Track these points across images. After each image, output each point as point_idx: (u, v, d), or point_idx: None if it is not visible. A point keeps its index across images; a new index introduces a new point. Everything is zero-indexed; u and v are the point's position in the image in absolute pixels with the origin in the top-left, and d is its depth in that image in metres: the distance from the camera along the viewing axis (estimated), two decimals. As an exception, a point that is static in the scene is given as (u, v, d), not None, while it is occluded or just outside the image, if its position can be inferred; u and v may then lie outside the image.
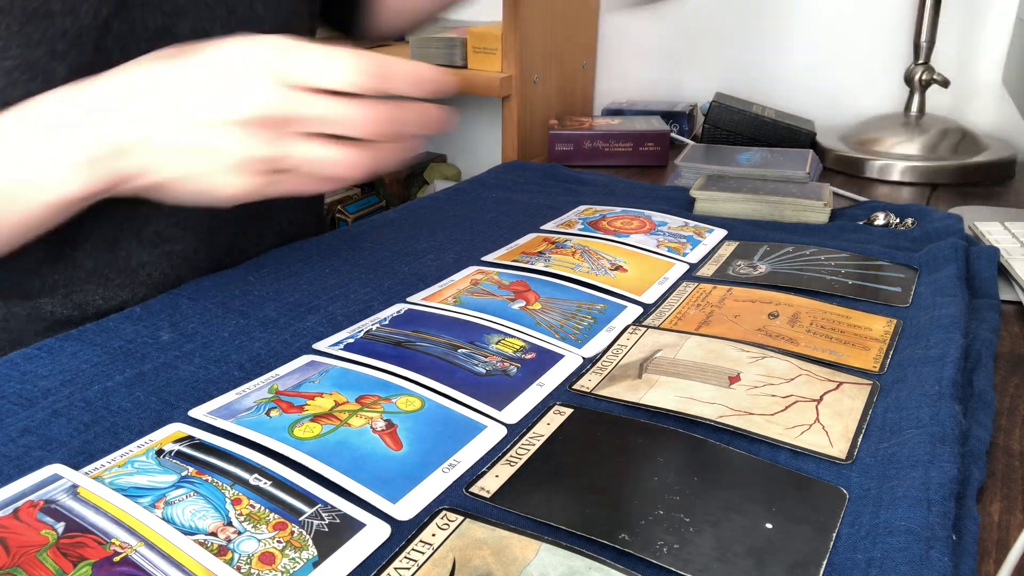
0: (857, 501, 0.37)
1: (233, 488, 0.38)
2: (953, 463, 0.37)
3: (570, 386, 0.48)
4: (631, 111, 1.16)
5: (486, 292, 0.60)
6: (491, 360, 0.50)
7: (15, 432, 0.42)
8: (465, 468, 0.40)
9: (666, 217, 0.77)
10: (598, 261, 0.66)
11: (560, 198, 0.85)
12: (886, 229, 0.74)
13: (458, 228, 0.75)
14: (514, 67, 1.12)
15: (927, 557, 0.32)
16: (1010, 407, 0.46)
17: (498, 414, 0.45)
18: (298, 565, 0.33)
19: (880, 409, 0.44)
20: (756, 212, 0.77)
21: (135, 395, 0.46)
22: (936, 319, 0.53)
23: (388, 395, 0.46)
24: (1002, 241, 0.67)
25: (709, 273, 0.64)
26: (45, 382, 0.47)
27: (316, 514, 0.36)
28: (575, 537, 0.35)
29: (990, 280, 0.61)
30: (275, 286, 0.61)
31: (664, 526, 0.35)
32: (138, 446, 0.41)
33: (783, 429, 0.42)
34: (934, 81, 0.99)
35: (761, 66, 1.21)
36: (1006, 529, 0.37)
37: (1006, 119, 1.06)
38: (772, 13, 1.17)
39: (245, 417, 0.43)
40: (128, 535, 0.34)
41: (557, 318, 0.56)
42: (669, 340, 0.52)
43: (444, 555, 0.34)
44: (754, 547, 0.34)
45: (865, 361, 0.50)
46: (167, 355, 0.51)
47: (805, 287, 0.60)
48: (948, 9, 1.03)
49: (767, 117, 1.02)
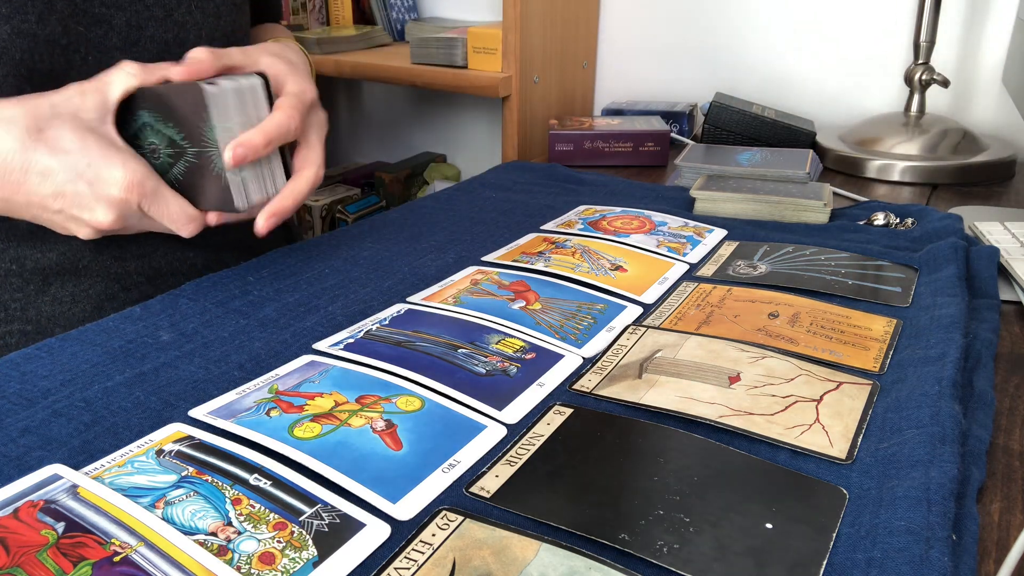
0: (857, 501, 0.37)
1: (233, 488, 0.38)
2: (953, 463, 0.37)
3: (570, 386, 0.48)
4: (631, 111, 1.16)
5: (486, 292, 0.60)
6: (491, 360, 0.50)
7: (15, 432, 0.42)
8: (465, 468, 0.40)
9: (666, 217, 0.77)
10: (598, 261, 0.66)
11: (560, 198, 0.85)
12: (886, 229, 0.74)
13: (458, 228, 0.75)
14: (514, 67, 1.12)
15: (927, 557, 0.32)
16: (1010, 407, 0.46)
17: (498, 414, 0.45)
18: (298, 565, 0.33)
19: (880, 409, 0.44)
20: (756, 212, 0.77)
21: (135, 395, 0.46)
22: (936, 319, 0.53)
23: (388, 395, 0.46)
24: (1002, 241, 0.67)
25: (709, 273, 0.64)
26: (45, 382, 0.47)
27: (316, 514, 0.36)
28: (575, 537, 0.35)
29: (990, 280, 0.61)
30: (275, 286, 0.61)
31: (664, 526, 0.35)
32: (138, 446, 0.41)
33: (783, 429, 0.42)
34: (934, 81, 0.99)
35: (761, 66, 1.21)
36: (1006, 529, 0.37)
37: (1006, 119, 1.06)
38: (772, 13, 1.17)
39: (245, 417, 0.43)
40: (128, 535, 0.34)
41: (557, 318, 0.56)
42: (669, 340, 0.52)
43: (444, 555, 0.34)
44: (754, 547, 0.34)
45: (865, 361, 0.50)
46: (167, 355, 0.51)
47: (805, 287, 0.60)
48: (948, 9, 1.03)
49: (767, 117, 1.02)
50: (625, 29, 1.31)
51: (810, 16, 1.15)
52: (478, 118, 1.53)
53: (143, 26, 0.62)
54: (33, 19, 0.55)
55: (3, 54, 0.54)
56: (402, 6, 1.48)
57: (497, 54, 1.13)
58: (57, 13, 0.57)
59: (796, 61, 1.18)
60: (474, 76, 1.14)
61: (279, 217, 0.59)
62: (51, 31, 0.56)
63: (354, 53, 1.35)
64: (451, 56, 1.18)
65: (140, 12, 0.62)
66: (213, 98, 0.55)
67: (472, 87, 1.15)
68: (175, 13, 0.63)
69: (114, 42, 0.61)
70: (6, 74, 0.55)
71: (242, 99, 0.57)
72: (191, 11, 0.64)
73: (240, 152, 0.55)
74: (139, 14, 0.62)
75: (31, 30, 0.55)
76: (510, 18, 1.10)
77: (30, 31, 0.55)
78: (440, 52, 1.19)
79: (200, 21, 0.65)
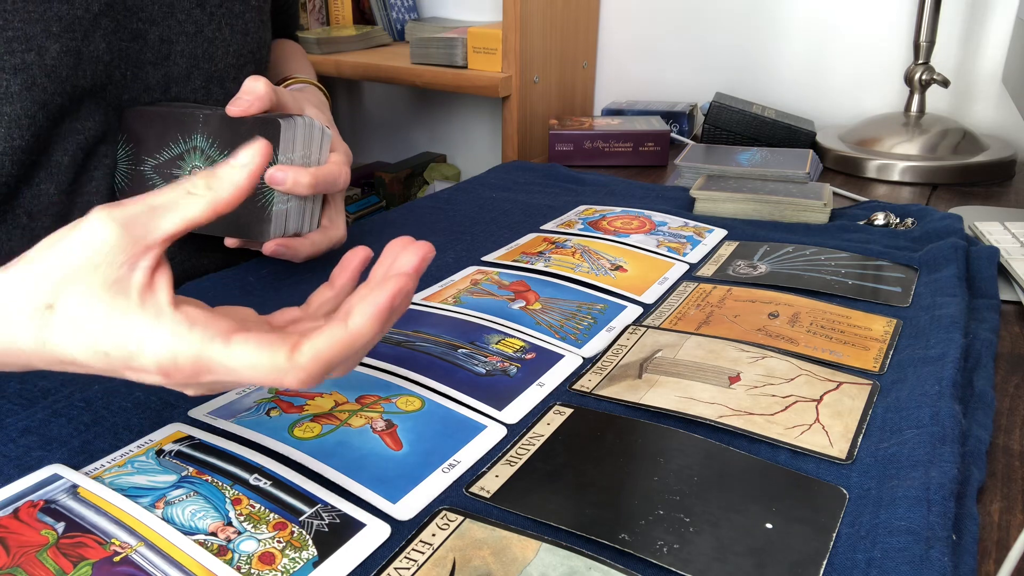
0: (857, 501, 0.37)
1: (233, 488, 0.38)
2: (953, 463, 0.37)
3: (570, 386, 0.48)
4: (631, 111, 1.16)
5: (486, 292, 0.60)
6: (491, 360, 0.50)
7: (15, 432, 0.42)
8: (465, 468, 0.40)
9: (666, 217, 0.77)
10: (598, 261, 0.66)
11: (560, 198, 0.85)
12: (886, 229, 0.74)
13: (458, 228, 0.75)
14: (514, 67, 1.12)
15: (927, 557, 0.32)
16: (1010, 407, 0.46)
17: (498, 414, 0.45)
18: (298, 565, 0.33)
19: (880, 409, 0.44)
20: (756, 212, 0.77)
21: (135, 395, 0.46)
22: (936, 319, 0.53)
23: (388, 395, 0.46)
24: (1002, 241, 0.67)
25: (709, 273, 0.64)
26: (45, 382, 0.47)
27: (316, 514, 0.36)
28: (575, 537, 0.35)
29: (990, 280, 0.61)
30: (275, 286, 0.61)
31: (664, 526, 0.35)
32: (138, 446, 0.41)
33: (783, 429, 0.42)
34: (934, 81, 0.99)
35: (761, 66, 1.21)
36: (1006, 529, 0.37)
37: (1006, 119, 1.06)
38: (772, 13, 1.17)
39: (245, 417, 0.43)
40: (128, 535, 0.34)
41: (557, 318, 0.56)
42: (669, 340, 0.52)
43: (444, 555, 0.34)
44: (754, 547, 0.34)
45: (865, 361, 0.50)
46: (167, 355, 0.51)
47: (805, 287, 0.60)
48: (948, 9, 1.03)
49: (767, 117, 1.02)
50: (625, 29, 1.31)
51: (810, 16, 1.15)
52: (478, 118, 1.53)
53: (174, 40, 0.62)
54: (80, 36, 0.55)
55: (52, 73, 0.54)
56: (402, 6, 1.48)
57: (497, 54, 1.13)
58: (102, 29, 0.57)
59: (796, 61, 1.18)
60: (474, 76, 1.14)
61: (290, 253, 0.59)
62: (95, 48, 0.56)
63: (354, 53, 1.35)
64: (451, 56, 1.18)
65: (172, 27, 0.62)
66: (285, 132, 0.55)
67: (472, 87, 1.15)
68: (205, 29, 0.64)
69: (148, 57, 0.61)
70: (53, 92, 0.54)
71: (310, 137, 0.57)
72: (220, 28, 0.65)
73: (282, 177, 0.54)
74: (171, 29, 0.62)
75: (77, 47, 0.55)
76: (510, 18, 1.10)
77: (76, 48, 0.55)
78: (440, 52, 1.19)
79: (228, 38, 0.66)
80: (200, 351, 0.32)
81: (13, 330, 0.33)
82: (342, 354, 0.32)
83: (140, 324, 0.32)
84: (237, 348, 0.32)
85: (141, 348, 0.32)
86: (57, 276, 0.33)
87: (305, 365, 0.31)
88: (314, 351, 0.32)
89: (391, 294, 0.33)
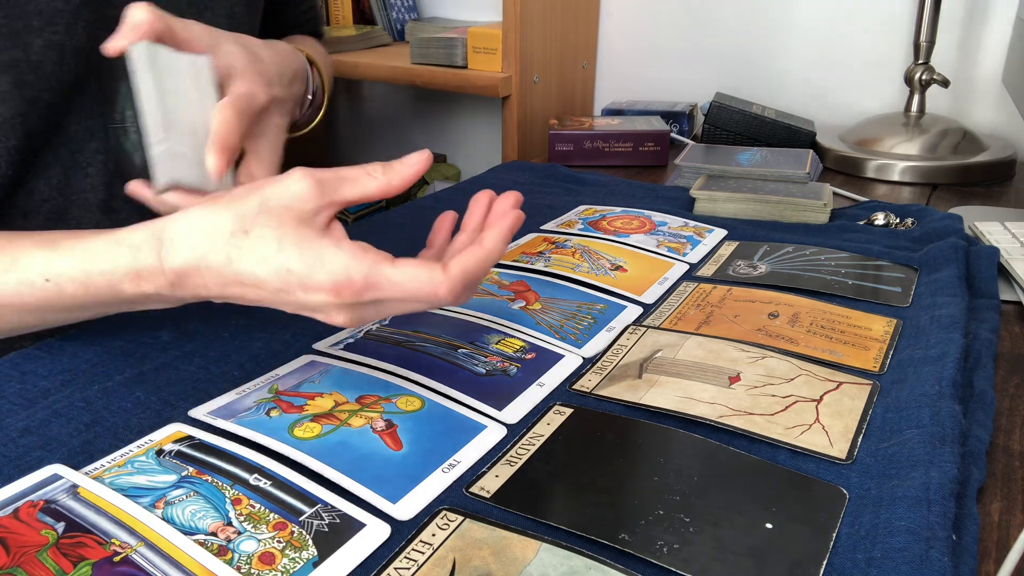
0: (857, 501, 0.37)
1: (233, 488, 0.38)
2: (953, 463, 0.37)
3: (570, 386, 0.48)
4: (631, 111, 1.16)
5: (486, 292, 0.60)
6: (491, 360, 0.50)
7: (15, 432, 0.42)
8: (465, 468, 0.40)
9: (666, 217, 0.77)
10: (598, 261, 0.66)
11: (560, 198, 0.85)
12: (886, 229, 0.74)
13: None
14: (514, 67, 1.12)
15: (927, 557, 0.32)
16: (1010, 407, 0.46)
17: (498, 414, 0.45)
18: (298, 565, 0.33)
19: (880, 409, 0.44)
20: (756, 212, 0.77)
21: (135, 395, 0.46)
22: (936, 319, 0.53)
23: (388, 395, 0.46)
24: (1002, 241, 0.67)
25: (709, 273, 0.64)
26: (45, 382, 0.47)
27: (316, 514, 0.36)
28: (575, 537, 0.35)
29: (990, 280, 0.61)
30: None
31: (664, 526, 0.35)
32: (138, 446, 0.41)
33: (783, 429, 0.42)
34: (934, 81, 0.99)
35: (761, 66, 1.21)
36: (1006, 529, 0.37)
37: (1006, 119, 1.06)
38: (772, 13, 1.17)
39: (245, 417, 0.43)
40: (128, 535, 0.34)
41: (557, 318, 0.56)
42: (669, 340, 0.52)
43: (444, 555, 0.34)
44: (754, 547, 0.34)
45: (865, 361, 0.50)
46: (167, 355, 0.51)
47: (805, 287, 0.60)
48: (948, 9, 1.03)
49: (767, 117, 1.02)
50: (625, 29, 1.31)
51: (810, 16, 1.15)
52: (478, 118, 1.53)
53: None
54: (62, 29, 0.54)
55: (37, 68, 0.53)
56: (402, 6, 1.48)
57: (497, 54, 1.13)
58: (83, 21, 0.56)
59: (796, 61, 1.18)
60: (474, 76, 1.14)
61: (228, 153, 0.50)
62: (77, 41, 0.56)
63: (354, 53, 1.35)
64: (451, 56, 1.18)
65: None
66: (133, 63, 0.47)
67: (472, 87, 1.15)
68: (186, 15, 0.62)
69: None
70: (41, 89, 0.54)
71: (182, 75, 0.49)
72: (202, 13, 0.63)
73: None
74: None
75: (60, 41, 0.54)
76: (510, 18, 1.10)
77: (59, 42, 0.54)
78: (440, 52, 1.19)
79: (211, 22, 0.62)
80: (371, 269, 0.39)
81: (206, 247, 0.40)
82: (481, 268, 0.40)
83: (323, 247, 0.40)
84: (402, 266, 0.39)
85: (321, 264, 0.39)
86: (257, 210, 0.40)
87: (455, 276, 0.39)
88: (461, 265, 0.39)
89: (512, 220, 0.43)
